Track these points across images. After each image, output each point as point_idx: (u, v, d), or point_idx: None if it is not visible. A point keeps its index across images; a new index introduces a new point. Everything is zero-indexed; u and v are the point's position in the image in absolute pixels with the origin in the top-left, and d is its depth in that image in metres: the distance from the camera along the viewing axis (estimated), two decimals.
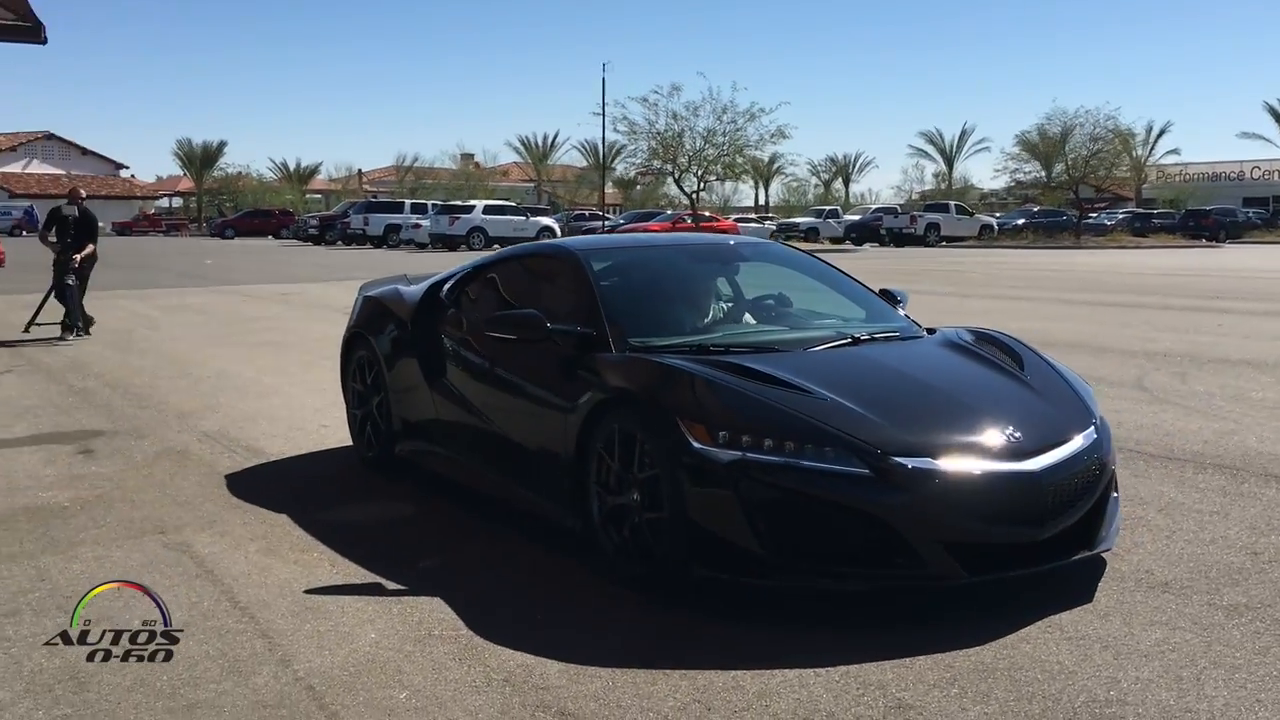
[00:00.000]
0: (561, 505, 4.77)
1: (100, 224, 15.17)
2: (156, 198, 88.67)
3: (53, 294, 13.54)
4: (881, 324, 5.49)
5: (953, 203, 53.13)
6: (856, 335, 5.18)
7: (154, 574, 4.58)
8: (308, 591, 4.40)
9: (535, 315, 4.97)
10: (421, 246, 41.53)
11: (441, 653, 3.79)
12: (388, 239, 43.30)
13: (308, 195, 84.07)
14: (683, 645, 3.84)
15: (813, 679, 3.58)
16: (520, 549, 4.96)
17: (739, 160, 42.45)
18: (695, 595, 4.18)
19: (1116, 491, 4.72)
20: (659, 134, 41.19)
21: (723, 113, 40.70)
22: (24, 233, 68.22)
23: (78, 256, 13.42)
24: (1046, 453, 4.22)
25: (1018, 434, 4.23)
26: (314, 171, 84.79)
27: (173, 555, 4.86)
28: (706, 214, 44.74)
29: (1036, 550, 4.12)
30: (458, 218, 40.81)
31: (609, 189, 79.21)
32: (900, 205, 57.94)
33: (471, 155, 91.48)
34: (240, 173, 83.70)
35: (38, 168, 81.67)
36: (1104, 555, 4.60)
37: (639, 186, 76.49)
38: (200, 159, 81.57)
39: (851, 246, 46.32)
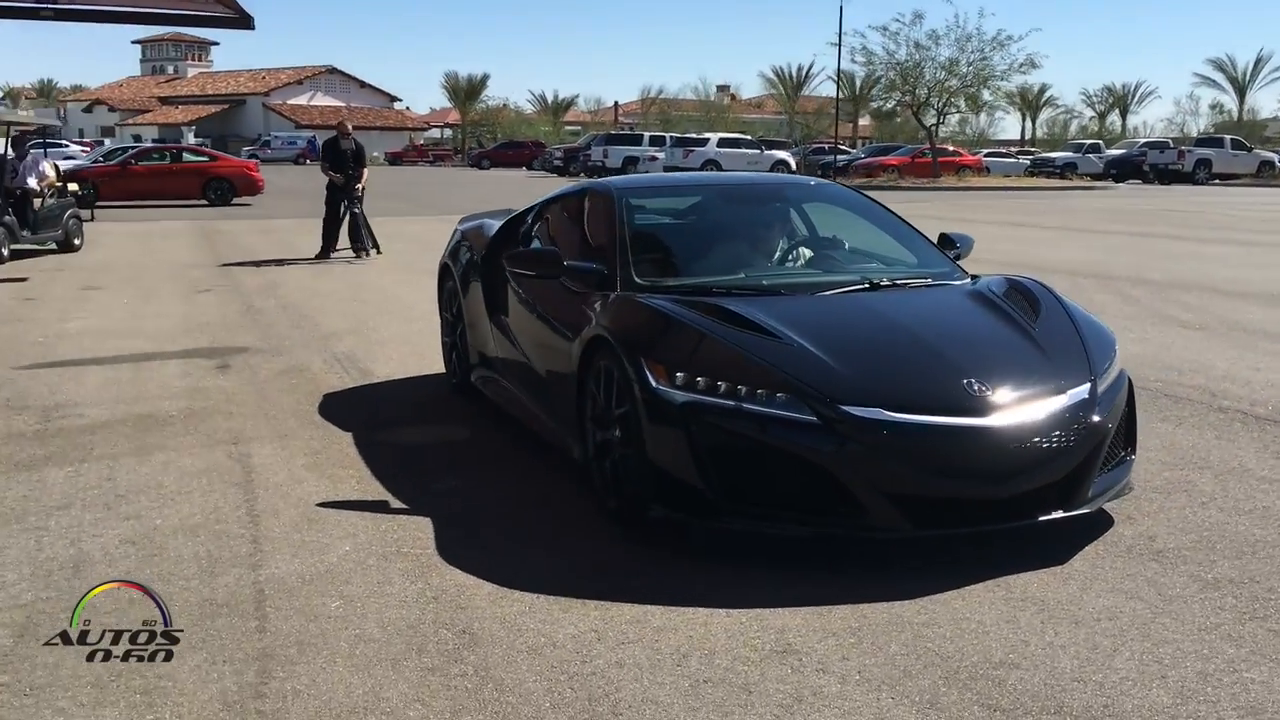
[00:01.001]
0: (571, 437, 4.92)
1: (375, 154, 16.54)
2: (426, 129, 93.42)
3: (326, 221, 14.71)
4: (917, 269, 5.35)
5: (1228, 137, 48.85)
6: (876, 280, 5.06)
7: (202, 479, 5.06)
8: (319, 504, 4.74)
9: (552, 252, 5.11)
10: None
11: (395, 569, 4.04)
12: (625, 171, 44.02)
13: (565, 127, 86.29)
14: (621, 579, 3.93)
15: (719, 617, 3.62)
16: (539, 479, 5.13)
17: (985, 92, 40.44)
18: (656, 532, 4.24)
19: (1130, 452, 4.50)
20: (899, 64, 39.78)
21: (966, 41, 38.84)
22: (306, 161, 73.54)
23: (359, 186, 14.61)
24: (1015, 408, 4.03)
25: (986, 388, 4.05)
26: (570, 104, 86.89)
27: (229, 464, 5.33)
28: (949, 149, 42.99)
29: (995, 507, 3.97)
30: (692, 150, 41.03)
31: (865, 121, 77.39)
32: (1171, 140, 53.76)
33: (726, 87, 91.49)
34: (501, 105, 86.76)
35: (321, 100, 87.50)
36: (1113, 517, 4.42)
37: (898, 119, 74.19)
38: (465, 92, 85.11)
39: (1109, 184, 43.42)
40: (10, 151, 15.28)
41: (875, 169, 41.20)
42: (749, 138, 45.96)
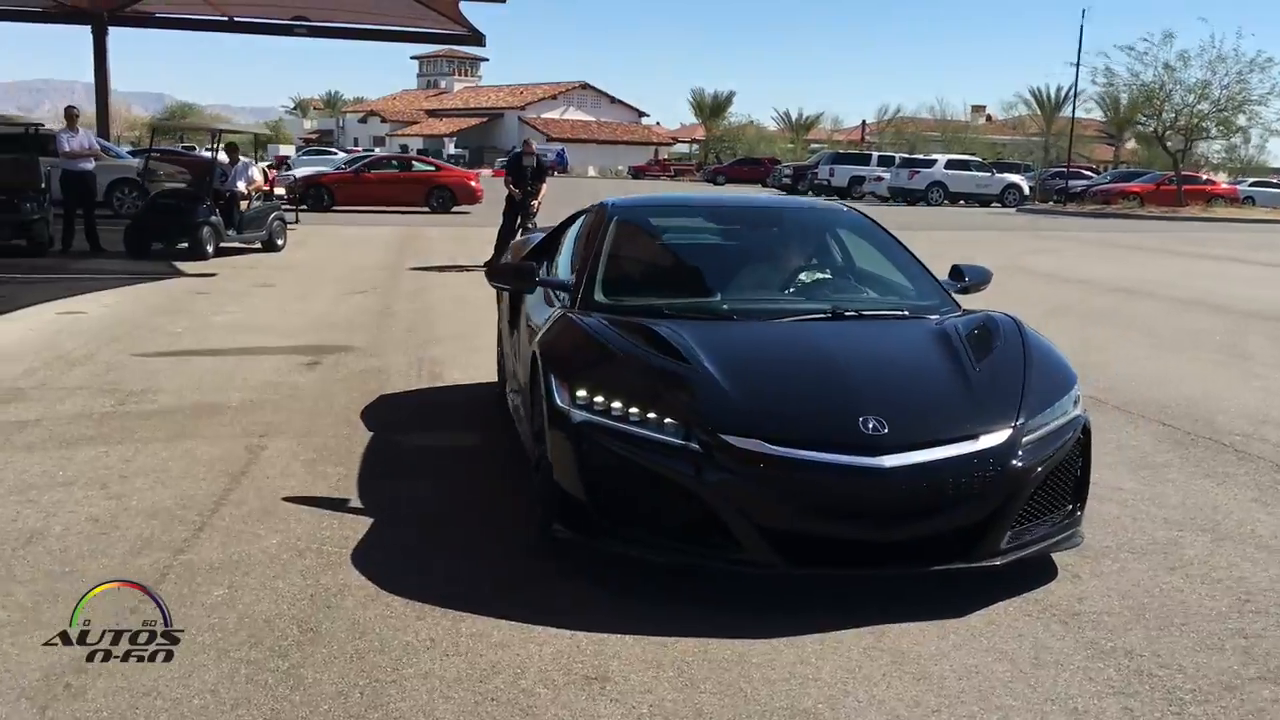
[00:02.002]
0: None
1: (620, 168, 17.30)
2: (671, 144, 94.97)
3: (501, 232, 15.39)
4: (899, 301, 5.16)
5: None
6: (841, 310, 4.87)
7: (205, 467, 5.41)
8: (285, 498, 4.98)
9: (528, 267, 5.20)
10: (883, 200, 41.17)
11: (300, 564, 4.20)
12: (851, 191, 43.40)
13: (812, 145, 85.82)
14: (504, 592, 3.96)
15: (559, 638, 3.61)
16: (509, 489, 5.16)
17: (1240, 116, 37.49)
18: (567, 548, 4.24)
19: (1077, 505, 4.25)
20: (1144, 86, 37.43)
21: (1219, 62, 36.13)
22: (554, 173, 76.16)
23: (535, 202, 15.29)
24: (911, 451, 3.80)
25: (883, 426, 3.84)
26: (814, 122, 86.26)
27: (240, 455, 5.67)
28: (1202, 176, 40.09)
29: (878, 551, 3.78)
30: (917, 171, 39.98)
31: (1130, 145, 73.12)
32: None
33: (982, 107, 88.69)
34: (745, 122, 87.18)
35: (572, 114, 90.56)
36: (1058, 572, 4.18)
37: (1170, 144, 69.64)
38: (710, 108, 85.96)
39: None
40: (227, 157, 16.67)
41: (1113, 195, 38.89)
42: (979, 159, 44.33)
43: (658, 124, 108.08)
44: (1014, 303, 12.28)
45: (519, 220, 15.35)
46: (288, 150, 64.23)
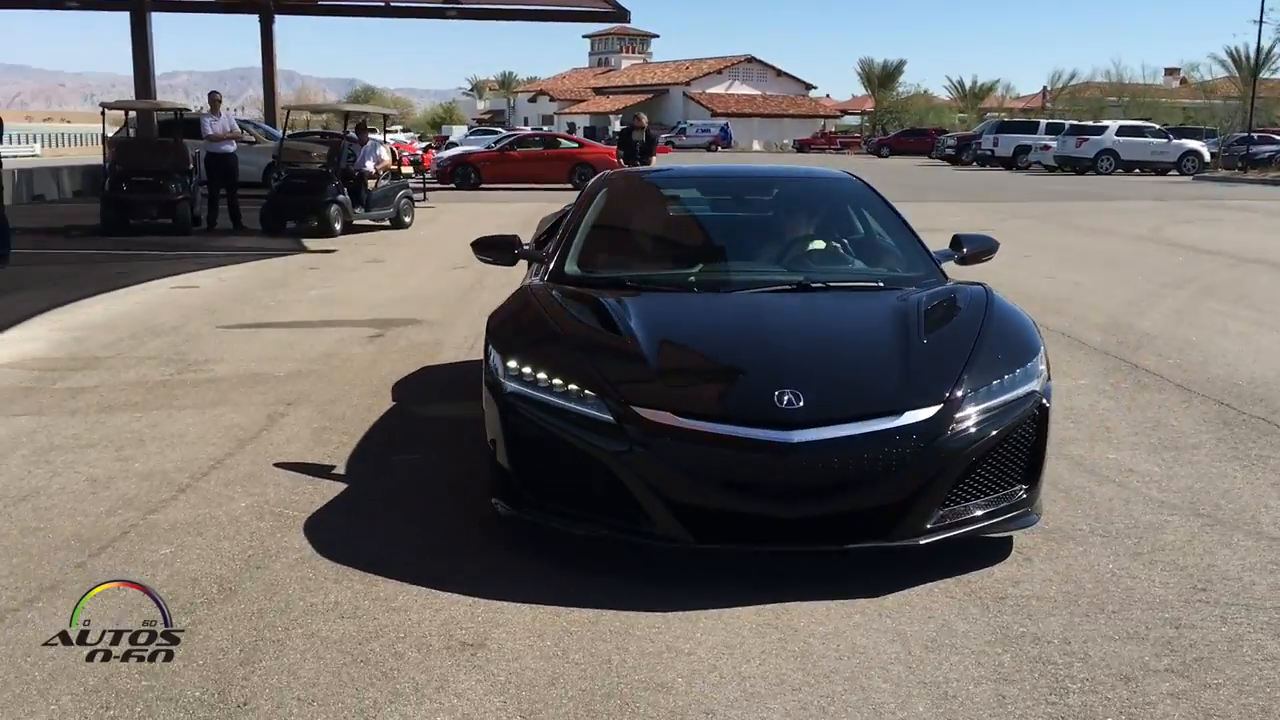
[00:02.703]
0: None
1: (785, 141, 17.47)
2: (838, 116, 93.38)
3: None
4: (877, 270, 5.07)
5: None
6: (809, 282, 4.75)
7: (219, 433, 5.68)
8: (275, 464, 5.18)
9: (510, 238, 5.24)
10: (1050, 169, 39.54)
11: (255, 527, 4.37)
12: (1016, 160, 41.82)
13: (987, 114, 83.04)
14: (437, 560, 4.04)
15: (457, 605, 3.66)
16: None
17: None
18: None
19: (1025, 486, 4.04)
20: None
21: None
22: (717, 148, 76.11)
23: None
24: (827, 426, 3.70)
25: (799, 400, 3.74)
26: (989, 90, 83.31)
27: (258, 422, 5.92)
28: None
29: (787, 528, 3.70)
30: (1086, 139, 38.15)
31: None
32: None
33: (1175, 70, 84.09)
34: (915, 92, 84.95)
35: (737, 89, 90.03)
36: (1011, 553, 4.00)
37: None
38: (879, 78, 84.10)
39: None
40: (362, 136, 17.27)
41: None
42: (1154, 125, 41.97)
43: (827, 96, 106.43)
44: (1124, 275, 11.73)
45: None
46: (460, 130, 65.94)
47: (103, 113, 16.96)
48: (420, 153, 36.53)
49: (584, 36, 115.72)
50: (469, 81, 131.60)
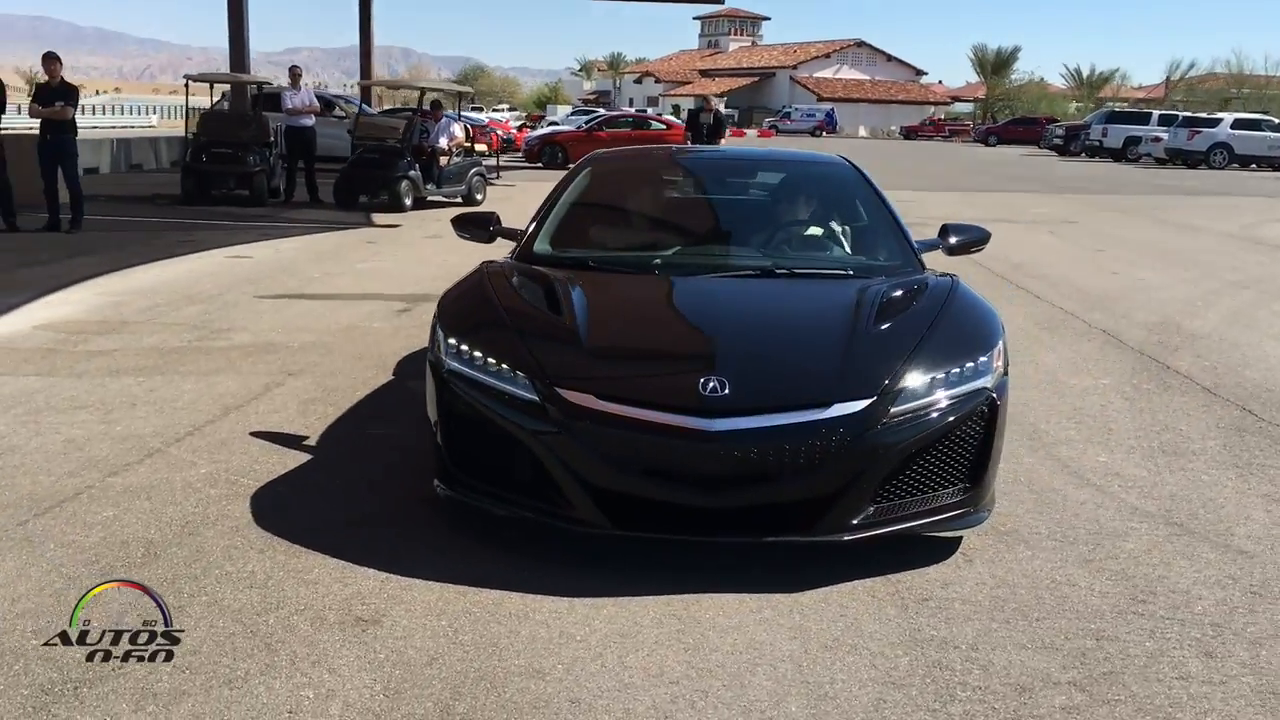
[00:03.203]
0: None
1: (892, 128, 17.52)
2: (948, 104, 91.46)
3: None
4: (849, 258, 5.01)
5: None
6: (773, 268, 4.68)
7: (210, 400, 5.76)
8: (251, 432, 5.25)
9: (487, 215, 5.21)
10: (1160, 162, 38.16)
11: (203, 494, 4.41)
12: (1125, 152, 40.42)
13: (1105, 104, 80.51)
14: (360, 531, 4.05)
15: (365, 579, 3.67)
16: None
17: None
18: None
19: (969, 485, 3.87)
20: None
21: None
22: (822, 134, 75.24)
23: None
24: (749, 415, 3.59)
25: (724, 389, 3.64)
26: (1107, 79, 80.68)
27: (254, 390, 6.00)
28: None
29: (706, 518, 3.61)
30: (1198, 132, 36.65)
31: None
32: None
33: None
34: (1029, 80, 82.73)
35: (845, 73, 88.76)
36: (956, 553, 3.88)
37: None
38: (992, 65, 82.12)
39: None
40: (436, 113, 17.43)
41: None
42: (1274, 120, 40.10)
43: (939, 83, 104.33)
44: (1194, 273, 11.20)
45: None
46: (564, 110, 66.36)
47: (186, 86, 17.38)
48: (514, 131, 36.84)
49: (695, 18, 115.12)
50: (578, 62, 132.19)
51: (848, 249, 5.10)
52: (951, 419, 3.80)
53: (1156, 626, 3.45)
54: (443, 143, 17.02)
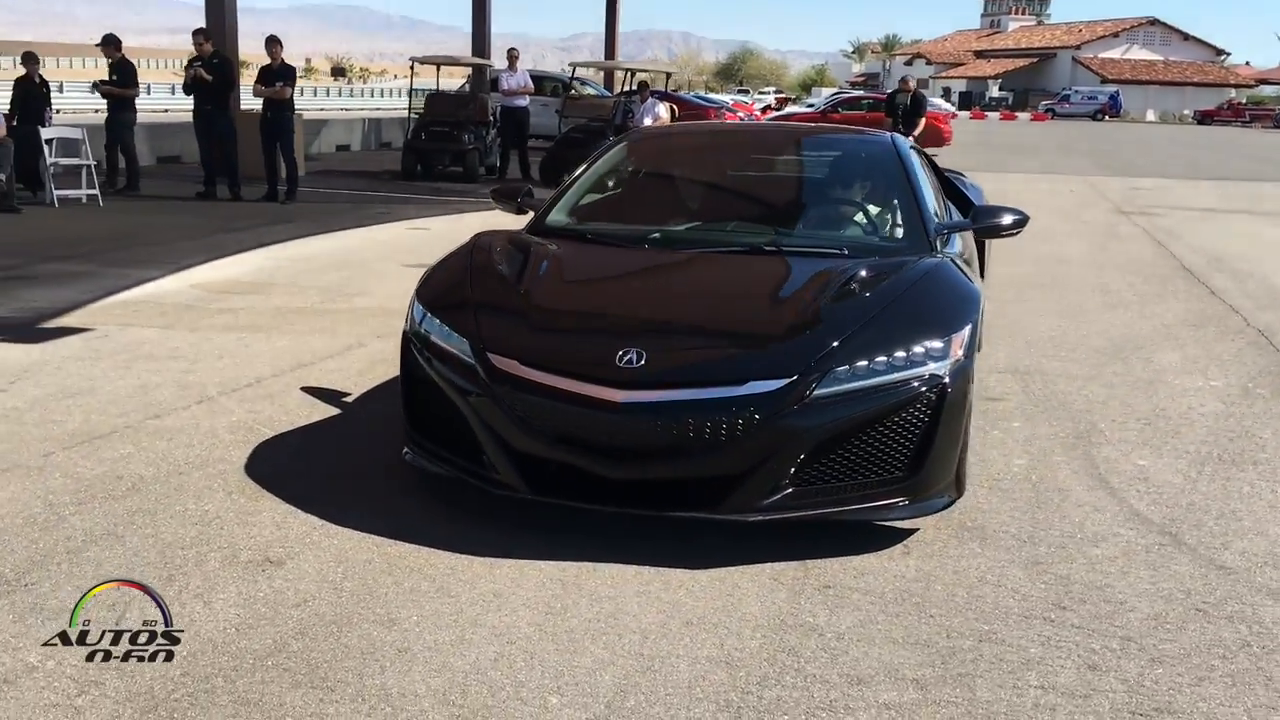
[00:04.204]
0: None
1: (1185, 112, 17.07)
2: (1251, 86, 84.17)
3: None
4: (850, 237, 4.84)
5: None
6: (761, 245, 4.66)
7: (267, 358, 6.18)
8: (302, 388, 5.60)
9: (515, 188, 5.35)
10: None
11: (221, 439, 4.76)
12: None
13: None
14: (313, 492, 4.28)
15: (295, 526, 3.87)
16: None
17: None
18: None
19: (907, 473, 3.71)
20: None
21: None
22: (1104, 117, 70.99)
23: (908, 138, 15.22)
24: (659, 389, 3.59)
25: (640, 361, 3.65)
26: None
27: (334, 347, 6.38)
28: None
29: (614, 489, 3.64)
30: None
31: None
32: None
33: None
34: None
35: (1135, 53, 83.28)
36: (901, 545, 3.76)
37: None
38: None
39: None
40: (643, 94, 17.74)
41: None
42: None
43: (1246, 63, 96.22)
44: None
45: None
46: (827, 92, 65.68)
47: (411, 67, 18.40)
48: (756, 113, 36.82)
49: None
50: (851, 44, 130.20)
51: (864, 228, 4.91)
52: (890, 404, 3.64)
53: (1057, 634, 3.21)
54: (647, 122, 17.23)
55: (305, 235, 11.01)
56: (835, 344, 3.68)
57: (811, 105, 42.76)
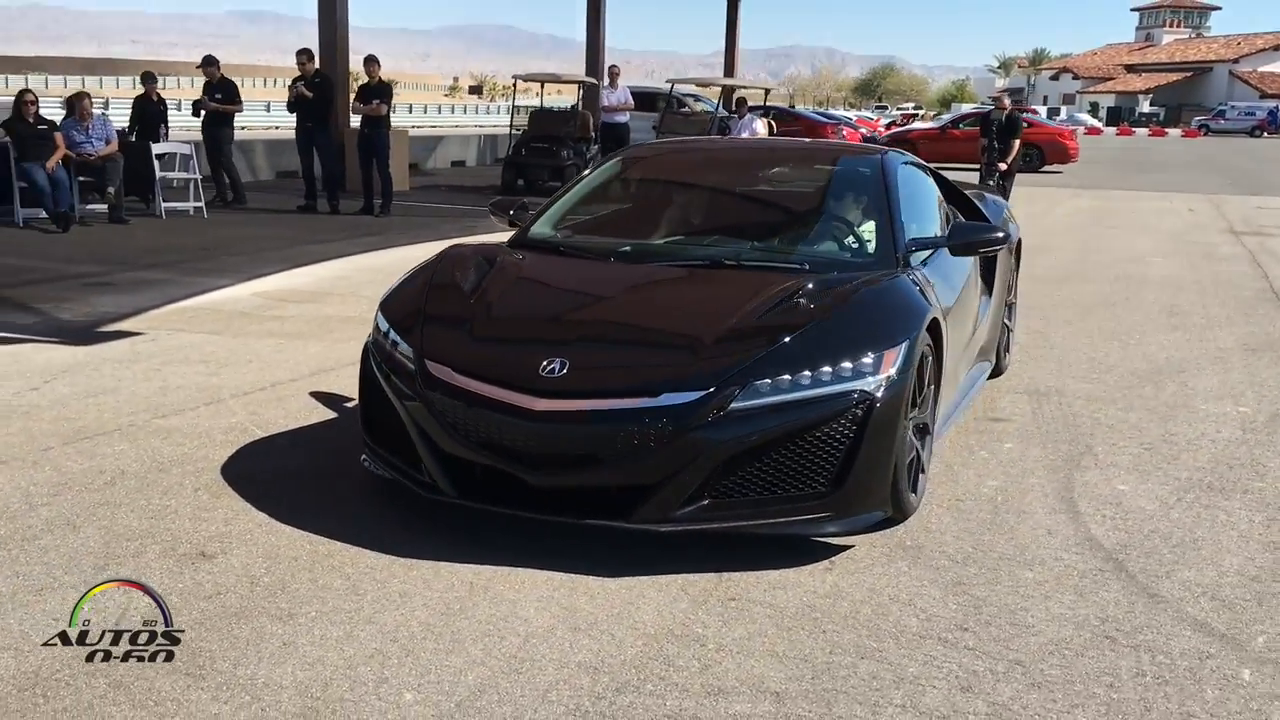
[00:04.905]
0: None
1: None
2: None
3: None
4: (817, 255, 4.80)
5: None
6: (721, 259, 4.70)
7: (314, 360, 6.43)
8: (311, 392, 5.82)
9: (508, 202, 5.47)
10: None
11: (214, 439, 5.00)
12: None
13: None
14: (272, 485, 4.46)
15: (242, 519, 4.04)
16: None
17: None
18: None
19: (829, 487, 3.70)
20: None
21: None
22: (1264, 134, 67.87)
23: (1001, 165, 14.94)
24: (574, 398, 3.68)
25: (560, 371, 3.74)
26: None
27: (357, 353, 6.60)
28: None
29: (530, 495, 3.73)
30: None
31: None
32: None
33: None
34: None
35: None
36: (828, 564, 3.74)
37: None
38: None
39: None
40: (741, 110, 17.78)
41: None
42: None
43: None
44: None
45: (992, 177, 14.77)
46: (966, 108, 64.44)
47: (514, 85, 18.80)
48: (880, 130, 36.35)
49: (1132, 10, 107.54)
50: (996, 59, 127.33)
51: (837, 245, 4.87)
52: (812, 418, 3.63)
53: (946, 655, 3.15)
54: (744, 137, 17.26)
55: (390, 247, 11.36)
56: (760, 357, 3.69)
57: (941, 120, 42.00)
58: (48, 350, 6.61)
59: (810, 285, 4.20)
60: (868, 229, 4.85)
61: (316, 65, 14.38)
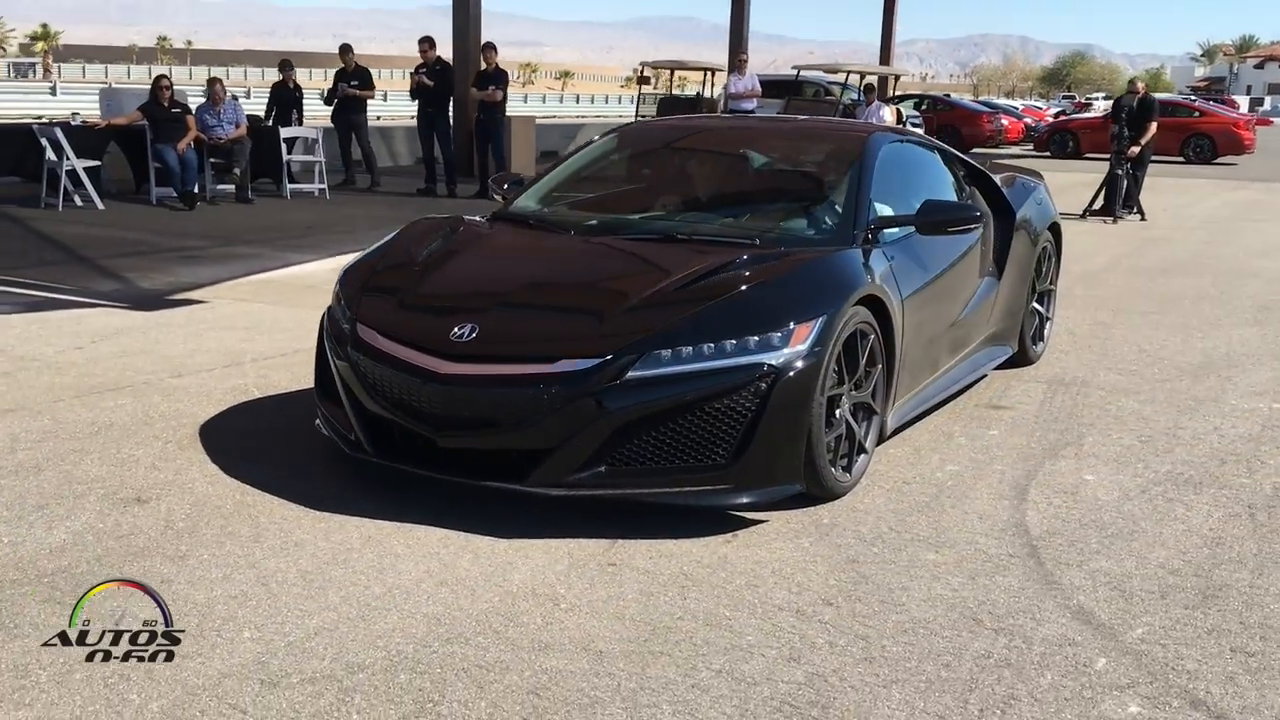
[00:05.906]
0: None
1: None
2: None
3: (1107, 179, 14.42)
4: (771, 231, 4.71)
5: None
6: (675, 233, 4.69)
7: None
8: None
9: (507, 175, 5.58)
10: None
11: (216, 398, 5.26)
12: None
13: None
14: (248, 445, 4.68)
15: (198, 470, 4.26)
16: None
17: None
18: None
19: (731, 460, 3.68)
20: None
21: None
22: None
23: (1133, 149, 14.30)
24: (476, 362, 3.77)
25: (470, 336, 3.83)
26: None
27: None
28: None
29: (437, 455, 3.84)
30: None
31: None
32: None
33: None
34: None
35: None
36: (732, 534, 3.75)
37: None
38: None
39: None
40: (869, 97, 17.46)
41: None
42: None
43: None
44: None
45: (1123, 166, 14.11)
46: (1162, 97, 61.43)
47: (641, 71, 18.92)
48: (1048, 119, 34.94)
49: None
50: (1200, 46, 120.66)
51: (803, 220, 4.80)
52: (713, 389, 3.61)
53: (795, 626, 3.13)
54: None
55: None
56: (666, 328, 3.69)
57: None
58: (111, 315, 7.05)
59: (744, 258, 4.14)
60: (833, 205, 4.74)
61: (437, 53, 14.79)
